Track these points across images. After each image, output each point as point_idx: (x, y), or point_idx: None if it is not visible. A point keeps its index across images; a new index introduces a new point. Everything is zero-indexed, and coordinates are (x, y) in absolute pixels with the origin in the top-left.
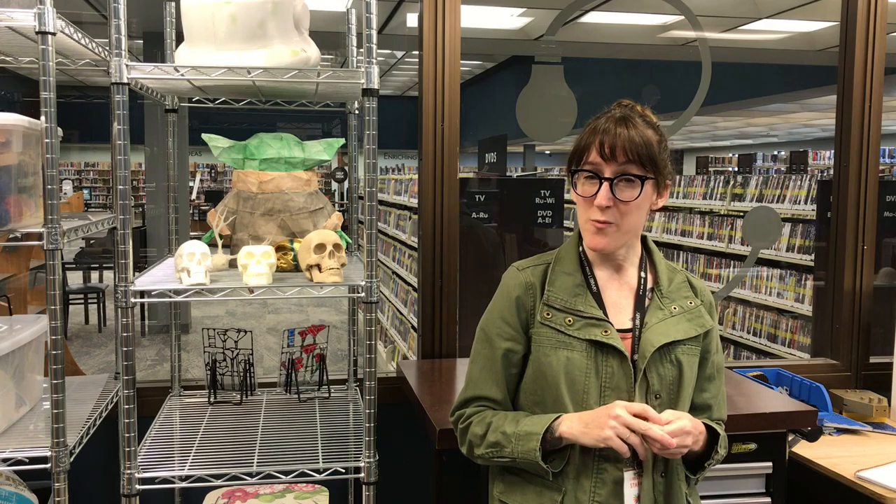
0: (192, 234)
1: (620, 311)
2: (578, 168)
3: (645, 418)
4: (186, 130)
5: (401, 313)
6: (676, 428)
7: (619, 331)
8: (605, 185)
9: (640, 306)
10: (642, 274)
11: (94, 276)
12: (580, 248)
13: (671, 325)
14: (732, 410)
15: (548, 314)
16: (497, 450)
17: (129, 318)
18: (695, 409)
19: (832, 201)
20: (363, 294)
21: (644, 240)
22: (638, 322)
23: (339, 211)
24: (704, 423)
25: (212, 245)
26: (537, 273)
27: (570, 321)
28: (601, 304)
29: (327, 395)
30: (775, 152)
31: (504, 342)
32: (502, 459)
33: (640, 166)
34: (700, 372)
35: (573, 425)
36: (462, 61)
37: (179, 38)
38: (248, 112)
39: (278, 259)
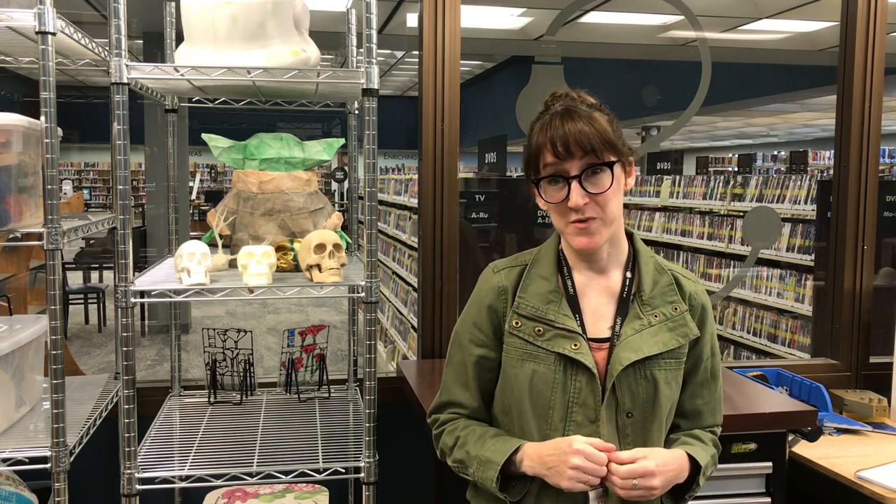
0: (192, 234)
1: (600, 319)
2: (539, 177)
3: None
4: (186, 130)
5: (401, 313)
6: (638, 467)
7: (595, 340)
8: (575, 183)
9: (622, 311)
10: (628, 275)
11: (94, 276)
12: (558, 249)
13: (647, 338)
14: (732, 410)
15: (517, 323)
16: (462, 467)
17: (129, 318)
18: (685, 417)
19: (832, 201)
20: (363, 294)
21: (631, 237)
22: (617, 331)
23: (339, 211)
24: (688, 454)
25: (212, 245)
26: (512, 276)
27: (539, 330)
28: (577, 311)
29: (327, 395)
30: (775, 152)
31: (476, 349)
32: (467, 477)
33: (601, 154)
34: (692, 378)
35: (535, 464)
36: (462, 61)
37: (179, 38)
38: (248, 112)
39: (278, 259)
